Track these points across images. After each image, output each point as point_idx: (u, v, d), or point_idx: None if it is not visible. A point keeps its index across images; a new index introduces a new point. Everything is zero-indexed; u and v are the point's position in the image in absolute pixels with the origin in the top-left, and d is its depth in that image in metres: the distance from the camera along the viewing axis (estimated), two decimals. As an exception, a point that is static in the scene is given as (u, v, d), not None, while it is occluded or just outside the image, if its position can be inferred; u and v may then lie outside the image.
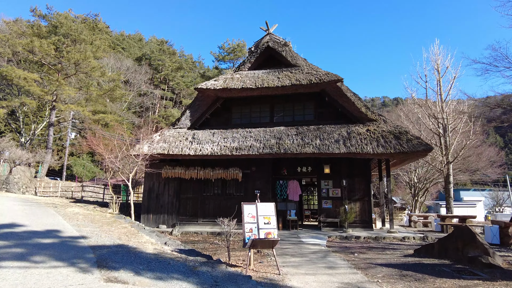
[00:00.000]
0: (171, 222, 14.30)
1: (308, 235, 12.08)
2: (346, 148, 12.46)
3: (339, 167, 14.01)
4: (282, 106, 15.15)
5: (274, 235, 6.03)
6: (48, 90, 26.82)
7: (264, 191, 13.88)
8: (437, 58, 24.51)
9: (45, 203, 14.11)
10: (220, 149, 13.34)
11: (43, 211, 11.29)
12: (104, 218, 10.76)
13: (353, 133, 13.03)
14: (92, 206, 14.51)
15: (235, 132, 14.12)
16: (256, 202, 6.35)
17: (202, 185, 14.47)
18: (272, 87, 13.81)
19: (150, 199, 14.69)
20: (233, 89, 14.10)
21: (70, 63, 27.96)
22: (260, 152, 12.88)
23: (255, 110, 15.40)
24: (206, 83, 14.56)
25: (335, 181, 14.07)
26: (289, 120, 14.84)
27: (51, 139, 29.32)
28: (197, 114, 15.05)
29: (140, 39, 76.64)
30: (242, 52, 38.69)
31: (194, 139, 14.13)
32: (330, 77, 13.49)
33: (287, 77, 14.06)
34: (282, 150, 12.73)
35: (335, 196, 13.96)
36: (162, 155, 13.54)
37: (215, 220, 14.24)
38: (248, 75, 14.79)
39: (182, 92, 63.91)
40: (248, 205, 6.25)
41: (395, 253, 8.84)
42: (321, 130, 13.44)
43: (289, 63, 14.92)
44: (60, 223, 8.98)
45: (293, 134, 13.40)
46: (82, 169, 40.57)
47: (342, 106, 13.97)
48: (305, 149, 12.63)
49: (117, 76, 32.39)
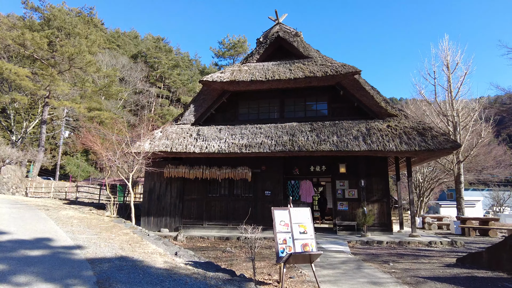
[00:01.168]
0: (174, 226, 13.20)
1: (326, 240, 11.07)
2: (367, 145, 11.48)
3: (356, 166, 13.01)
4: (293, 101, 14.13)
5: (312, 247, 5.00)
6: (41, 85, 25.50)
7: (275, 192, 12.86)
8: (447, 54, 23.66)
9: (36, 205, 12.92)
10: (228, 147, 12.28)
11: (33, 215, 10.13)
12: (102, 223, 9.65)
13: (373, 129, 12.05)
14: (87, 209, 13.35)
15: (244, 129, 13.07)
16: (288, 206, 5.30)
17: (208, 185, 13.39)
18: (284, 79, 12.78)
19: (150, 200, 13.58)
20: (241, 81, 13.05)
21: (64, 58, 26.65)
22: (272, 150, 11.84)
23: (263, 105, 14.36)
24: (212, 76, 13.49)
25: (351, 181, 13.08)
26: (300, 116, 13.82)
27: (44, 137, 28.00)
28: (201, 109, 13.96)
29: (135, 37, 75.40)
30: (243, 48, 37.64)
31: (199, 136, 13.05)
32: (347, 69, 12.51)
33: (300, 69, 13.04)
34: (296, 148, 11.71)
35: (352, 198, 12.97)
36: (164, 153, 12.44)
37: (222, 223, 13.31)
38: (257, 67, 13.74)
39: (179, 90, 62.79)
40: (279, 211, 5.20)
41: (432, 261, 7.86)
42: (337, 126, 12.44)
43: (301, 55, 13.90)
44: (52, 229, 7.86)
45: (307, 131, 12.39)
46: (76, 168, 39.25)
47: (359, 100, 12.98)
48: (322, 147, 11.61)
49: (113, 72, 31.12)
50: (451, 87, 23.07)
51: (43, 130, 28.15)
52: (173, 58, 66.44)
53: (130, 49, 67.07)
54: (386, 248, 10.03)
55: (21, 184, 21.00)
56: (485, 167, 28.17)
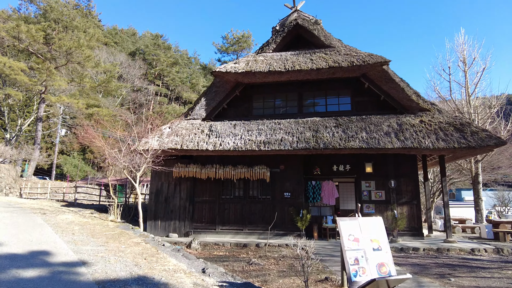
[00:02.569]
0: (184, 230, 12.03)
1: (355, 247, 9.96)
2: (400, 142, 10.38)
3: (383, 165, 11.93)
4: (312, 94, 13.00)
5: (390, 267, 3.87)
6: (37, 80, 24.15)
7: (295, 193, 11.72)
8: (463, 49, 22.61)
9: (31, 208, 11.68)
10: (245, 144, 11.13)
11: (28, 221, 8.92)
12: (106, 229, 8.46)
13: (405, 124, 10.95)
14: (88, 212, 12.14)
15: (261, 124, 11.92)
16: (357, 216, 4.16)
17: (221, 186, 12.24)
18: (305, 70, 11.64)
19: (158, 202, 12.39)
20: (258, 72, 11.90)
21: (61, 52, 25.32)
22: (294, 147, 10.70)
23: (280, 99, 13.22)
24: (225, 66, 12.32)
25: (378, 182, 12.00)
26: (321, 111, 12.70)
27: (40, 134, 26.64)
28: (213, 103, 12.79)
29: (133, 34, 74.10)
30: (247, 43, 36.42)
31: (211, 132, 11.89)
32: (375, 59, 11.40)
33: (322, 59, 11.91)
34: (321, 145, 10.58)
35: (379, 200, 11.88)
36: (174, 151, 11.27)
37: (237, 228, 12.09)
38: (274, 57, 12.60)
39: (178, 88, 61.56)
40: (347, 222, 4.07)
41: (494, 275, 6.78)
42: (366, 121, 11.33)
43: (321, 44, 12.76)
44: (50, 239, 6.67)
45: (332, 126, 11.26)
46: (73, 168, 37.94)
47: (386, 93, 11.89)
48: (350, 144, 10.50)
49: (112, 67, 29.81)
50: (468, 83, 22.08)
51: (39, 127, 26.79)
52: (171, 56, 65.25)
53: (128, 46, 65.80)
54: (426, 257, 8.94)
55: (15, 185, 19.71)
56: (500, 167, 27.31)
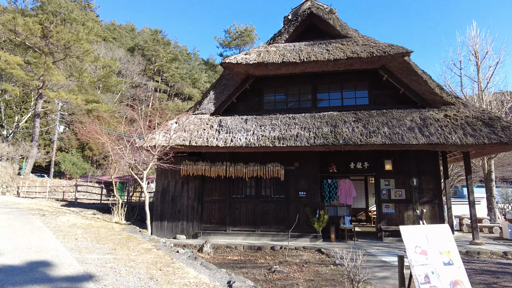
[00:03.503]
0: (192, 232, 11.34)
1: (378, 249, 9.30)
2: (425, 137, 9.69)
3: (403, 162, 11.27)
4: (327, 87, 12.29)
5: (465, 285, 3.18)
6: (34, 75, 23.30)
7: (310, 193, 11.04)
8: (475, 42, 21.92)
9: (29, 208, 10.95)
10: (258, 140, 10.42)
11: (26, 223, 8.20)
12: (112, 233, 7.76)
13: (429, 119, 10.26)
14: (90, 212, 11.42)
15: (274, 119, 11.20)
16: (421, 223, 3.48)
17: (231, 185, 11.55)
18: (322, 61, 10.92)
19: (164, 202, 11.69)
20: (270, 63, 11.17)
21: (59, 45, 24.44)
22: (311, 143, 10.01)
23: (292, 93, 12.51)
24: (236, 57, 11.58)
25: (398, 180, 11.34)
26: (336, 105, 11.99)
27: (37, 131, 25.81)
28: (222, 97, 12.06)
29: (132, 29, 73.16)
30: (250, 37, 35.58)
31: (221, 127, 11.17)
32: (396, 50, 10.69)
33: (339, 49, 11.19)
34: (340, 141, 9.88)
35: (399, 199, 11.22)
36: (183, 147, 10.55)
37: (248, 229, 11.36)
38: (287, 48, 11.86)
39: (177, 84, 60.76)
40: (411, 232, 3.38)
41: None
42: (387, 115, 10.63)
43: (337, 34, 12.03)
44: (50, 246, 5.96)
45: (352, 121, 10.56)
46: (71, 165, 37.19)
47: (407, 86, 11.19)
48: (372, 139, 9.81)
49: (112, 61, 28.96)
50: (480, 78, 21.44)
51: (37, 124, 25.96)
52: (171, 51, 64.37)
53: (126, 42, 64.88)
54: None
55: (12, 183, 18.95)
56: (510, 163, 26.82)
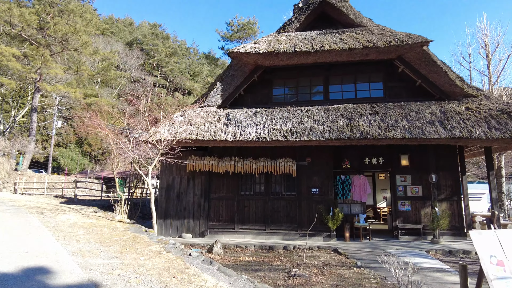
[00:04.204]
0: (199, 230, 10.80)
1: (397, 249, 8.78)
2: (447, 131, 9.15)
3: (420, 158, 10.75)
4: (340, 79, 11.71)
5: (552, 304, 2.64)
6: (31, 67, 22.60)
7: (324, 189, 10.51)
8: (485, 35, 21.34)
9: (27, 206, 10.36)
10: (268, 133, 9.85)
11: (23, 223, 7.63)
12: (116, 233, 7.20)
13: (450, 112, 9.72)
14: (91, 210, 10.85)
15: (286, 111, 10.62)
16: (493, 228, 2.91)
17: (239, 181, 11.00)
18: (336, 50, 10.33)
19: (169, 199, 11.14)
20: (281, 53, 10.56)
21: (56, 38, 23.72)
22: (326, 138, 9.44)
23: (303, 85, 11.92)
24: (245, 46, 10.97)
25: (414, 176, 10.82)
26: (349, 97, 11.42)
27: (35, 126, 25.16)
28: (230, 89, 11.46)
29: (130, 23, 72.27)
30: (253, 30, 34.80)
31: (229, 121, 10.58)
32: (415, 39, 10.11)
33: (354, 38, 10.59)
34: (357, 135, 9.33)
35: (415, 196, 10.72)
36: (189, 141, 9.97)
37: (258, 227, 10.67)
38: (298, 37, 11.25)
39: (176, 79, 60.06)
40: (483, 237, 2.87)
41: None
42: (405, 108, 10.07)
43: (350, 23, 11.43)
44: (50, 249, 5.40)
45: (368, 114, 10.00)
46: (70, 161, 36.59)
47: (424, 77, 10.62)
48: (391, 133, 9.26)
49: (111, 54, 28.23)
50: (490, 71, 20.91)
51: (34, 118, 25.29)
52: (170, 46, 63.69)
53: (124, 36, 64.07)
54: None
55: (9, 179, 18.34)
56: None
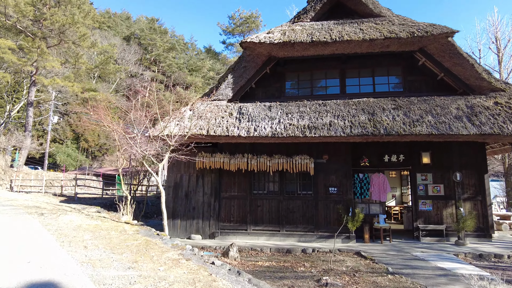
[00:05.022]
0: (209, 231, 10.20)
1: (423, 252, 8.24)
2: (476, 127, 8.60)
3: (442, 155, 10.21)
4: (357, 72, 11.12)
5: None
6: (26, 60, 21.72)
7: (342, 188, 9.94)
8: (496, 30, 20.87)
9: (25, 206, 9.67)
10: (285, 129, 9.24)
11: (23, 226, 6.97)
12: (125, 237, 6.57)
13: (477, 107, 9.16)
14: (94, 210, 10.19)
15: (302, 106, 10.01)
16: None
17: (251, 179, 10.39)
18: (356, 41, 9.71)
19: (177, 198, 10.51)
20: (298, 43, 9.93)
21: (53, 29, 22.82)
22: (347, 133, 8.86)
23: (318, 78, 11.32)
24: (258, 36, 10.32)
25: (436, 174, 10.29)
26: (367, 91, 10.85)
27: (31, 121, 24.30)
28: (241, 82, 10.81)
29: (127, 18, 71.13)
30: (255, 23, 34.01)
31: (242, 115, 9.96)
32: (440, 29, 9.52)
33: (374, 29, 9.98)
34: (381, 131, 8.75)
35: (437, 195, 10.19)
36: (200, 137, 9.34)
37: (272, 228, 9.86)
38: (314, 27, 10.62)
39: (174, 74, 59.21)
40: None
41: None
42: (429, 103, 9.50)
43: (368, 13, 10.82)
44: (55, 258, 4.76)
45: (391, 108, 9.41)
46: (66, 157, 35.80)
47: (448, 70, 10.05)
48: (416, 129, 8.69)
49: (110, 48, 27.38)
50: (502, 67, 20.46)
51: (30, 113, 24.42)
52: (168, 40, 62.80)
53: (122, 30, 63.04)
54: (519, 268, 7.26)
55: (4, 176, 17.59)
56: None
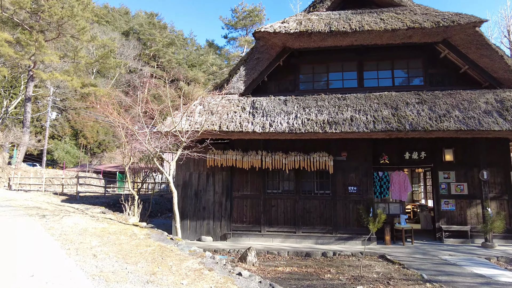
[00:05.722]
0: (220, 233, 9.65)
1: (452, 257, 7.73)
2: (509, 123, 8.06)
3: (466, 152, 9.68)
4: (375, 64, 10.54)
5: None
6: (24, 53, 21.00)
7: (362, 188, 9.40)
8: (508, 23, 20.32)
9: (25, 206, 9.07)
10: (303, 124, 8.66)
11: (23, 230, 6.39)
12: (136, 242, 6.00)
13: (508, 101, 8.62)
14: (98, 210, 9.61)
15: (320, 99, 9.43)
16: None
17: (265, 178, 9.83)
18: (377, 31, 9.12)
19: (185, 197, 9.95)
20: (315, 33, 9.32)
21: (52, 22, 22.07)
22: (370, 129, 8.29)
23: (334, 71, 10.73)
24: (273, 25, 9.69)
25: (459, 172, 9.76)
26: (386, 85, 10.28)
27: (29, 116, 23.61)
28: (254, 74, 10.21)
29: (126, 13, 70.20)
30: (259, 17, 33.20)
31: (255, 110, 9.37)
32: (467, 19, 8.94)
33: (396, 19, 9.39)
34: (407, 126, 8.19)
35: (460, 194, 9.67)
36: (213, 133, 8.75)
37: (287, 230, 9.31)
38: (332, 16, 10.00)
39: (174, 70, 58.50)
40: None
41: None
42: (455, 97, 8.94)
43: (387, 2, 10.20)
44: (61, 270, 4.19)
45: (415, 102, 8.85)
46: (65, 153, 35.17)
47: (473, 63, 9.48)
48: (444, 124, 8.13)
49: (111, 41, 26.64)
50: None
51: (28, 108, 23.72)
52: (167, 36, 62.00)
53: (120, 25, 62.23)
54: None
55: (2, 174, 16.96)
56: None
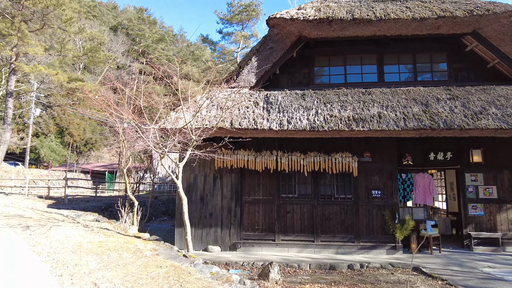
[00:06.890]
0: (230, 242, 8.66)
1: (493, 269, 6.98)
2: (552, 121, 7.36)
3: (495, 153, 8.97)
4: (396, 58, 9.73)
5: None
6: (5, 44, 19.44)
7: (387, 191, 8.57)
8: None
9: (5, 214, 7.80)
10: (326, 121, 7.76)
11: (1, 247, 5.26)
12: (144, 261, 4.97)
13: (547, 97, 7.94)
14: (91, 218, 8.46)
15: (342, 94, 8.54)
16: None
17: (279, 181, 8.89)
18: (403, 19, 8.31)
19: (190, 202, 8.87)
20: (336, 21, 8.43)
21: (36, 10, 20.54)
22: (401, 127, 7.45)
23: (352, 63, 9.85)
24: (289, 12, 8.75)
25: (488, 175, 9.04)
26: (409, 80, 9.50)
27: (10, 112, 21.96)
28: (266, 66, 9.24)
29: (114, 7, 68.38)
30: (256, 11, 32.16)
31: (270, 105, 8.42)
32: (503, 7, 8.22)
33: (423, 7, 8.60)
34: (440, 124, 7.38)
35: (489, 198, 8.95)
36: (224, 131, 7.75)
37: (305, 238, 8.27)
38: (352, 4, 9.14)
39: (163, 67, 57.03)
40: None
41: None
42: (489, 92, 8.21)
43: (411, -11, 9.43)
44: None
45: (446, 98, 8.07)
46: (51, 152, 33.42)
47: (505, 56, 8.76)
48: (481, 122, 7.36)
49: (100, 34, 25.18)
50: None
51: (9, 104, 22.06)
52: (157, 31, 60.60)
53: (108, 20, 60.48)
54: None
55: (-19, 174, 15.48)
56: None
